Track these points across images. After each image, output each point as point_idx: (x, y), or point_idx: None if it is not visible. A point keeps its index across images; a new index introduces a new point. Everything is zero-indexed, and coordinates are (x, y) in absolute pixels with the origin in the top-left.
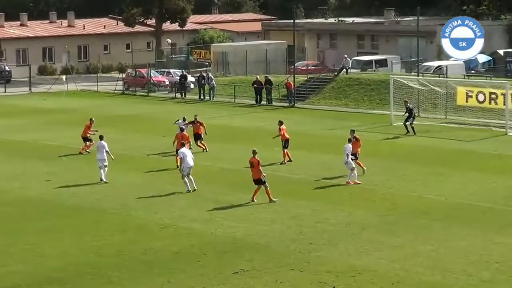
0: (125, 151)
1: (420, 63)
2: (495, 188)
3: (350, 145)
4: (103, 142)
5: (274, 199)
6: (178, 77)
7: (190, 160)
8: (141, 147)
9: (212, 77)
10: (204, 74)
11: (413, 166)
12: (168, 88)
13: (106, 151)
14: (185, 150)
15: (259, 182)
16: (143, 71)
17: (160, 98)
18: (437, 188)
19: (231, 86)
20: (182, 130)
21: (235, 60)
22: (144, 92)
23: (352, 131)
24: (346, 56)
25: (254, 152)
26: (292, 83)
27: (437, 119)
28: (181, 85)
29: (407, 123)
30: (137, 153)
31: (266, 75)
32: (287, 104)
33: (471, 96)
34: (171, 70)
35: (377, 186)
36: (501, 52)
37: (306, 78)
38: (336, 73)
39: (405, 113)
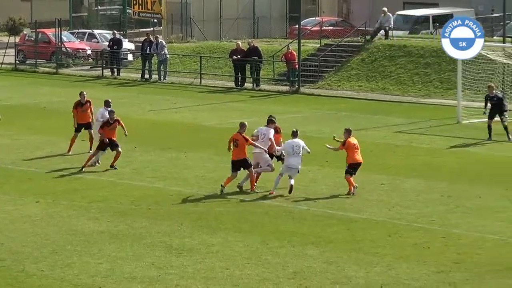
0: (16, 165)
1: (508, 21)
2: None
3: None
4: None
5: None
6: (108, 43)
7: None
8: (43, 159)
9: (164, 43)
10: (152, 39)
11: (494, 192)
12: (91, 60)
13: None
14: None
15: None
16: (49, 32)
17: (77, 77)
18: None
19: (195, 59)
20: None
21: (203, 15)
22: (50, 67)
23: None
24: (385, 9)
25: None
26: (295, 54)
27: None
28: (112, 56)
29: (494, 120)
30: (37, 168)
31: (252, 40)
32: (287, 88)
33: None
34: (96, 32)
35: (434, 224)
36: None
37: (319, 46)
38: (368, 38)
39: (487, 104)
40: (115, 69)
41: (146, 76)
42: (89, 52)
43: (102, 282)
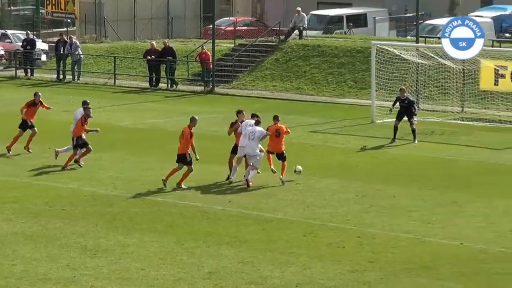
0: None
1: (421, 21)
2: None
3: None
4: None
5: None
6: (21, 43)
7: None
8: None
9: (78, 43)
10: (66, 39)
11: (408, 191)
12: (4, 61)
13: None
14: None
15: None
16: None
17: None
18: (448, 226)
19: (109, 59)
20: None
21: (116, 15)
22: None
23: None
24: (299, 9)
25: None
26: (210, 54)
27: (448, 112)
28: (25, 57)
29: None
30: None
31: (167, 40)
32: (201, 89)
33: (503, 76)
34: (9, 32)
35: (349, 223)
36: None
37: (233, 46)
38: (282, 37)
39: (395, 105)
40: (29, 70)
41: (60, 76)
42: (2, 52)
43: (16, 284)
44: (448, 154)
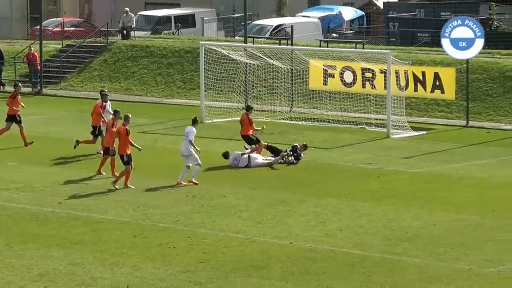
0: None
1: (249, 21)
2: (370, 226)
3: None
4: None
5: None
6: None
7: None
8: None
9: None
10: None
11: (238, 191)
12: None
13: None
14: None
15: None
16: None
17: None
18: (278, 225)
19: None
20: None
21: None
22: None
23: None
24: (127, 9)
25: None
26: (37, 55)
27: (276, 112)
28: None
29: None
30: None
31: None
32: (29, 90)
33: (332, 75)
34: None
35: (179, 224)
36: (379, 3)
37: (61, 47)
38: (112, 38)
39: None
40: None
41: None
42: None
43: None
44: None
